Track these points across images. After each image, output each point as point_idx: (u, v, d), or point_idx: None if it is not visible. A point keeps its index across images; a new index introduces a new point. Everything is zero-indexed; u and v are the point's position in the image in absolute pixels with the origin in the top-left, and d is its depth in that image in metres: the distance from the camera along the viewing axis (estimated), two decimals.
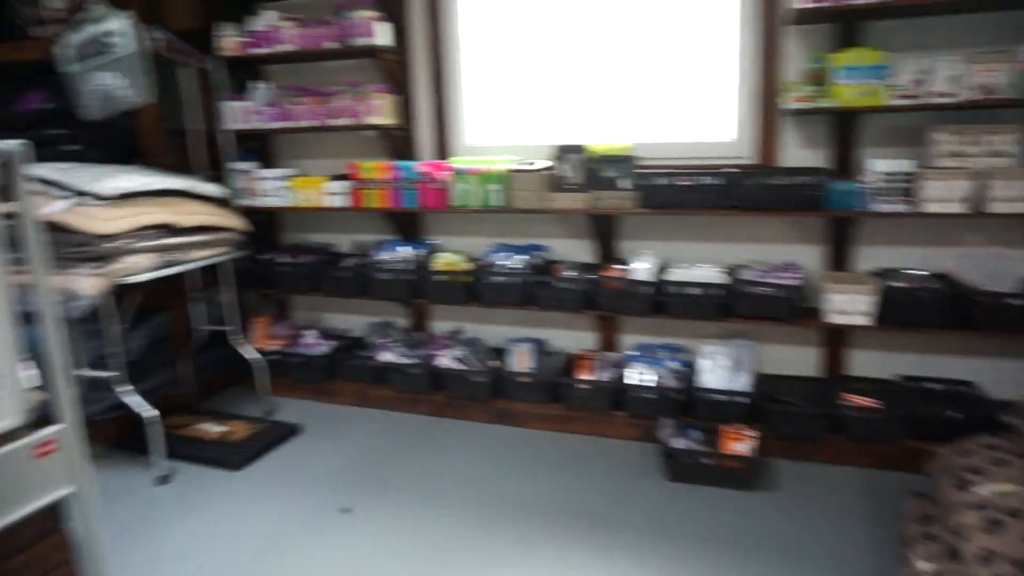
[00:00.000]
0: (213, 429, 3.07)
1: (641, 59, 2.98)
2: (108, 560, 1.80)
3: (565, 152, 2.85)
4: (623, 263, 3.00)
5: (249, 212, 3.24)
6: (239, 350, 3.31)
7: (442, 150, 3.31)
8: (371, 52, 3.07)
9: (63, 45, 2.58)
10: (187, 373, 3.31)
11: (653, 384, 2.85)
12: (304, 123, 3.17)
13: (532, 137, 3.18)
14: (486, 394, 3.12)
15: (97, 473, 2.52)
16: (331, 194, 3.21)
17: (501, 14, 3.15)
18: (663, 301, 2.81)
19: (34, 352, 1.52)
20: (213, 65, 3.18)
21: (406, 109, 3.28)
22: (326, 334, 3.60)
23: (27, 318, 1.49)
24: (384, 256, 3.29)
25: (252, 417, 3.22)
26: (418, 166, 3.08)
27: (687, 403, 2.81)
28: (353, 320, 3.71)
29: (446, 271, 3.13)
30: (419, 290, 3.18)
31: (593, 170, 2.80)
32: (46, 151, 2.70)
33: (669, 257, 3.03)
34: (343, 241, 3.64)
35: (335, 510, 2.46)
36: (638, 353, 3.03)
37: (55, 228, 2.30)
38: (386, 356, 3.32)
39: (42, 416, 1.53)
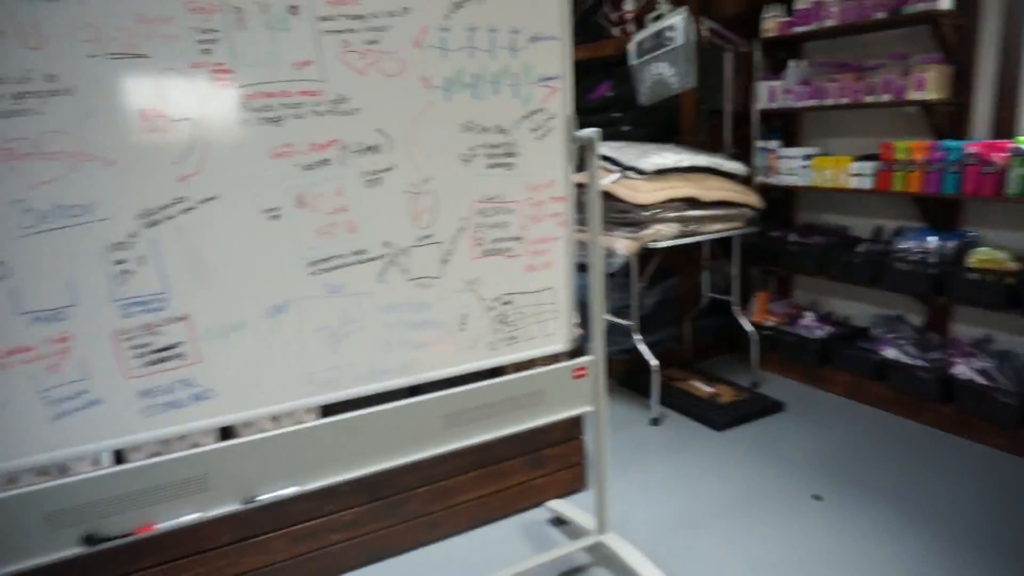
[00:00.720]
0: (704, 388, 3.34)
1: None
2: (608, 471, 2.19)
3: None
4: None
5: (766, 189, 3.34)
6: (739, 321, 3.49)
7: (1003, 128, 2.80)
8: (927, 18, 2.77)
9: (633, 42, 3.06)
10: (687, 333, 3.66)
11: None
12: (835, 100, 3.07)
13: None
14: (1012, 419, 2.61)
15: (607, 402, 3.02)
16: (855, 175, 3.06)
17: None
18: None
19: (578, 296, 1.93)
20: (752, 47, 3.32)
21: (960, 81, 2.87)
22: (825, 318, 3.50)
23: (580, 268, 1.90)
24: (906, 245, 3.00)
25: (739, 385, 3.38)
26: (968, 146, 2.69)
27: None
28: (857, 308, 3.50)
29: (983, 269, 2.69)
30: (944, 286, 2.81)
31: None
32: (607, 132, 3.27)
33: None
34: (860, 225, 3.44)
35: (805, 494, 2.45)
36: None
37: (605, 196, 2.80)
38: (890, 352, 3.06)
39: (576, 347, 1.94)
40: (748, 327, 3.46)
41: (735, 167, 3.14)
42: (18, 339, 1.25)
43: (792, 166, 3.30)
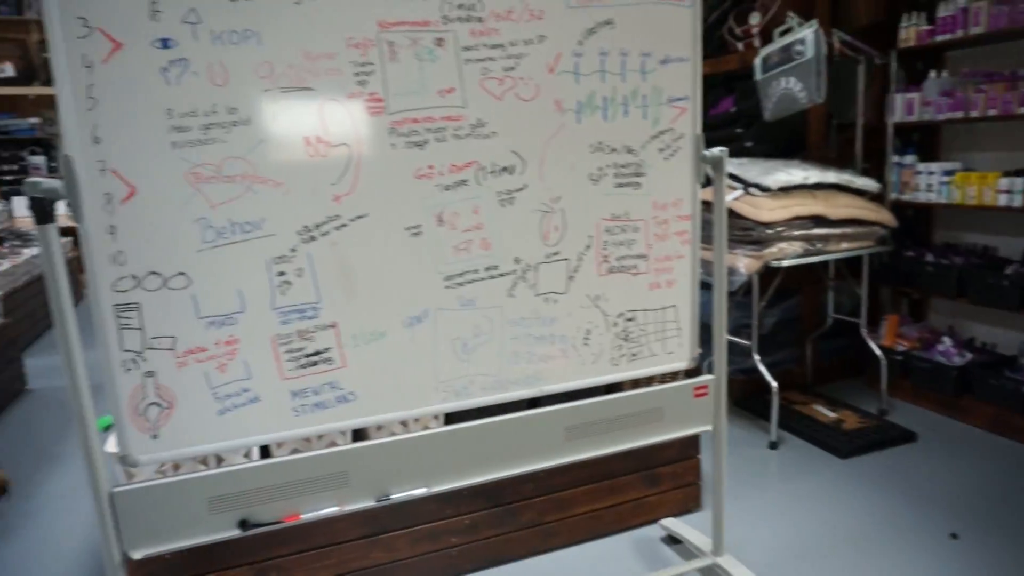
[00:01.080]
0: (826, 413, 3.20)
1: None
2: (726, 493, 2.16)
3: None
4: None
5: (900, 207, 3.17)
6: (868, 343, 3.32)
7: None
8: None
9: (759, 56, 3.00)
10: (808, 355, 3.52)
11: None
12: (982, 112, 2.88)
13: None
14: None
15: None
16: (1004, 191, 2.85)
17: None
18: None
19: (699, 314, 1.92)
20: (888, 58, 3.17)
21: None
22: (965, 344, 3.26)
23: (702, 286, 1.90)
24: None
25: (865, 411, 3.21)
26: None
27: None
28: (1004, 335, 3.25)
29: None
30: None
31: None
32: (729, 148, 3.22)
33: None
34: (1007, 245, 3.19)
35: (939, 531, 2.30)
36: None
37: (727, 214, 2.76)
38: None
39: (695, 366, 1.93)
40: (877, 351, 3.28)
41: (866, 183, 3.01)
42: (196, 340, 1.40)
43: (930, 182, 3.12)
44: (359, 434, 2.00)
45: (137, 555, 1.44)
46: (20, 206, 6.27)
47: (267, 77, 1.36)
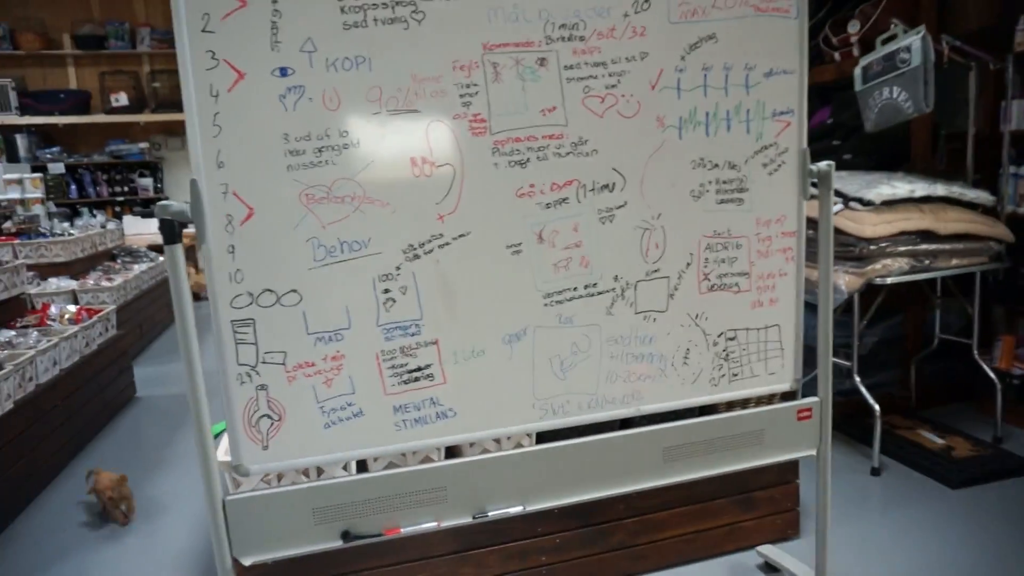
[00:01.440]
0: (933, 439, 3.01)
1: None
2: (830, 521, 2.06)
3: None
4: None
5: (1016, 220, 2.97)
6: (981, 366, 3.11)
7: None
8: None
9: (859, 66, 2.89)
10: (912, 377, 3.32)
11: None
12: None
13: None
14: None
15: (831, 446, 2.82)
16: None
17: None
18: None
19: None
20: (1003, 63, 2.99)
21: None
22: None
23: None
24: None
25: (977, 439, 3.00)
26: None
27: None
28: None
29: None
30: None
31: None
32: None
33: None
34: None
35: None
36: None
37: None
38: None
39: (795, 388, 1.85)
40: (991, 374, 3.07)
41: (979, 196, 2.83)
42: (305, 355, 1.45)
43: None
44: (451, 451, 2.02)
45: (247, 561, 1.50)
46: (131, 225, 6.70)
47: (376, 101, 1.40)
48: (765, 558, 2.22)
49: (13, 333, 3.16)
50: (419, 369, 1.52)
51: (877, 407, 2.79)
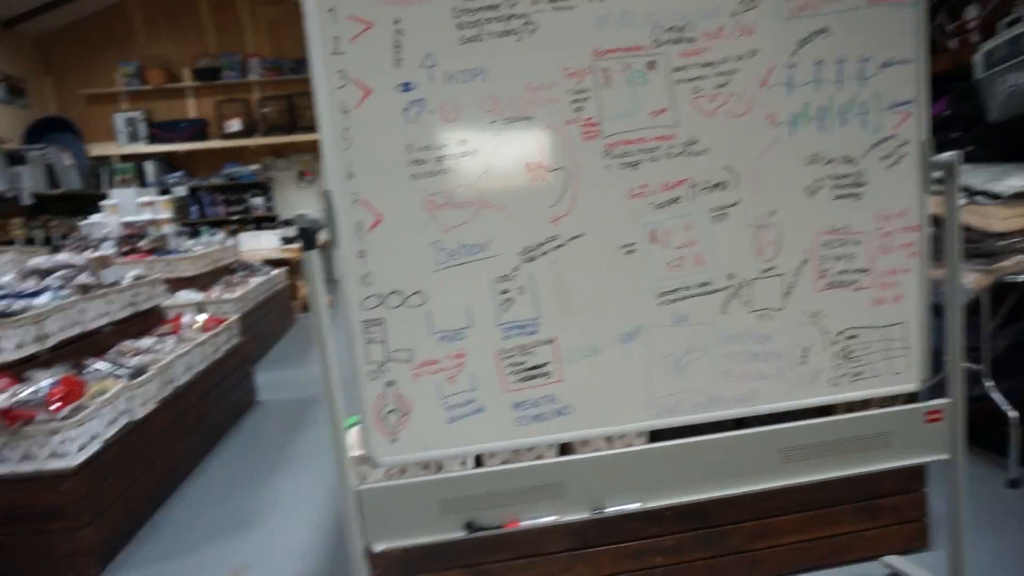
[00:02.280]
0: None
1: None
2: (965, 533, 1.95)
3: None
4: None
5: None
6: None
7: None
8: None
9: (979, 53, 2.74)
10: None
11: None
12: None
13: None
14: None
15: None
16: None
17: None
18: None
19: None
20: None
21: None
22: None
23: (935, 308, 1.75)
24: None
25: None
26: None
27: None
28: None
29: None
30: None
31: None
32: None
33: None
34: None
35: None
36: None
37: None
38: None
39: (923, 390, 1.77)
40: None
41: None
42: (429, 353, 1.54)
43: None
44: (564, 448, 2.06)
45: (378, 548, 1.59)
46: (246, 241, 7.17)
47: (492, 110, 1.47)
48: (892, 569, 2.13)
49: (152, 340, 3.46)
50: (537, 367, 1.57)
51: (1014, 414, 2.61)
